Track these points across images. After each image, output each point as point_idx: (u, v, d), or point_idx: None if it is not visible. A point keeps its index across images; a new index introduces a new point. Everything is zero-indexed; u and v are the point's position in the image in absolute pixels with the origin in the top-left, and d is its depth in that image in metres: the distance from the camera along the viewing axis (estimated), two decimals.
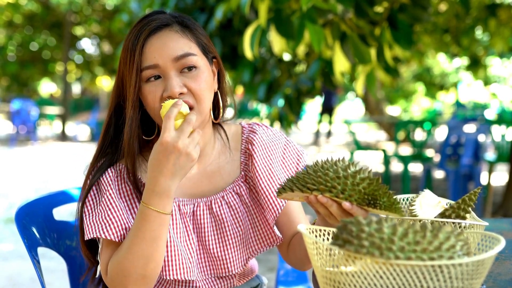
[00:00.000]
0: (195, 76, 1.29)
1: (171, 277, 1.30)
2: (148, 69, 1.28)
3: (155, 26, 1.30)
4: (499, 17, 5.18)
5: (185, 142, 1.18)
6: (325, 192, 1.10)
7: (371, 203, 1.08)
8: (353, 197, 1.08)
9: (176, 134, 1.18)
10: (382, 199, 1.07)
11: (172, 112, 1.19)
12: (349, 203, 1.09)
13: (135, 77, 1.28)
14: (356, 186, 1.08)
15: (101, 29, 16.63)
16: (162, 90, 1.28)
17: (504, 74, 16.57)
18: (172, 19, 1.34)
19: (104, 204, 1.31)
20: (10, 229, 5.05)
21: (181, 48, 1.29)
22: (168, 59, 1.28)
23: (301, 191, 1.12)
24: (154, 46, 1.29)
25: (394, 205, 1.07)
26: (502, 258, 1.28)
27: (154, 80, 1.29)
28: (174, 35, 1.31)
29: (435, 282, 0.80)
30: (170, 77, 1.27)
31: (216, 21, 3.54)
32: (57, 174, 8.48)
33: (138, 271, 1.23)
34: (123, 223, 1.29)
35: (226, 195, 1.40)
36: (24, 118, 12.80)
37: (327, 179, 1.09)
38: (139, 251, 1.23)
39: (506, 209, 5.48)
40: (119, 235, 1.28)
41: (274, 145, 1.45)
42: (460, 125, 6.51)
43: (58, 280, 3.63)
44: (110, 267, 1.26)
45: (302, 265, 1.46)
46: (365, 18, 2.74)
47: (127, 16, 5.35)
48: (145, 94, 1.29)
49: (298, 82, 3.89)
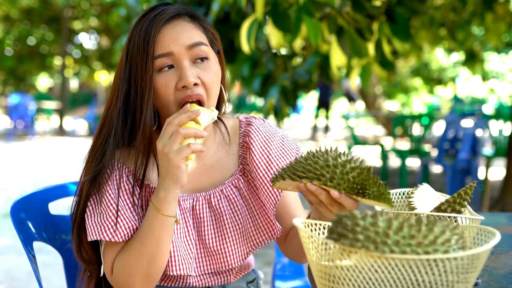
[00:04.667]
0: (207, 68, 1.31)
1: (171, 273, 1.31)
2: (162, 57, 1.28)
3: (168, 15, 1.31)
4: (496, 12, 5.17)
5: (163, 142, 1.20)
6: (314, 180, 1.09)
7: (359, 193, 1.08)
8: (341, 185, 1.08)
9: (161, 137, 1.22)
10: (372, 189, 1.07)
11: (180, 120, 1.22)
12: (337, 192, 1.08)
13: (151, 65, 1.28)
14: (346, 175, 1.07)
15: (99, 23, 16.60)
16: (176, 80, 1.28)
17: (502, 69, 16.57)
18: (182, 10, 1.34)
19: (105, 205, 1.31)
20: (7, 224, 5.04)
21: (195, 37, 1.31)
22: (182, 47, 1.29)
23: (291, 179, 1.12)
24: (169, 35, 1.29)
25: (383, 195, 1.07)
26: (497, 252, 1.28)
27: (168, 69, 1.29)
28: (187, 25, 1.32)
29: (430, 276, 0.80)
30: (185, 67, 1.28)
31: (213, 14, 3.53)
32: (55, 168, 8.47)
33: (142, 272, 1.26)
34: (125, 222, 1.29)
35: (224, 188, 1.40)
36: (22, 112, 12.78)
37: (316, 167, 1.09)
38: (144, 253, 1.26)
39: (503, 203, 5.49)
40: (122, 235, 1.28)
41: (272, 135, 1.45)
42: (457, 120, 6.50)
43: (55, 274, 3.63)
44: (115, 268, 1.29)
45: (299, 258, 1.47)
46: (362, 12, 2.73)
47: (125, 10, 5.34)
48: (158, 84, 1.29)
49: (294, 74, 3.89)
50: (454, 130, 5.89)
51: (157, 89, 1.29)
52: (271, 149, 1.41)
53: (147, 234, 1.25)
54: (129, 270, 1.27)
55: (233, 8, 3.57)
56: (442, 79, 17.62)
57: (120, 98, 1.32)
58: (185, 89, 1.28)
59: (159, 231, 1.24)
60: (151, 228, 1.25)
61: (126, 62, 1.32)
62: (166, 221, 1.24)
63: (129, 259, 1.27)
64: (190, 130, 1.19)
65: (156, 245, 1.25)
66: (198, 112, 1.21)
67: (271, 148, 1.42)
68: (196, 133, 1.20)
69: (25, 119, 12.85)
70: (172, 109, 1.30)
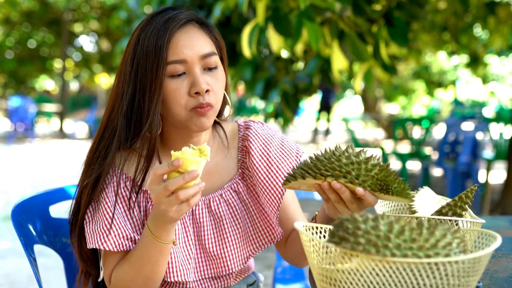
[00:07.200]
0: (216, 76, 1.32)
1: (169, 280, 1.31)
2: (175, 63, 1.27)
3: (182, 21, 1.30)
4: (498, 15, 5.17)
5: (160, 200, 1.13)
6: (340, 178, 1.09)
7: (383, 189, 1.09)
8: (366, 182, 1.09)
9: (156, 193, 1.14)
10: (394, 185, 1.08)
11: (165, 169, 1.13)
12: (362, 189, 1.09)
13: (162, 70, 1.26)
14: (369, 172, 1.08)
15: (99, 26, 16.62)
16: (187, 85, 1.28)
17: (503, 72, 16.57)
18: (193, 16, 1.34)
19: (101, 213, 1.30)
20: (7, 227, 5.04)
21: (207, 47, 1.31)
22: (195, 56, 1.28)
23: (313, 177, 1.12)
24: (183, 41, 1.28)
25: (405, 190, 1.08)
26: (498, 255, 1.28)
27: (178, 76, 1.28)
28: (198, 32, 1.32)
29: (432, 280, 0.80)
30: (197, 74, 1.28)
31: (214, 18, 3.54)
32: (55, 171, 8.47)
33: (140, 287, 1.28)
34: (120, 232, 1.29)
35: (224, 193, 1.40)
36: (22, 115, 12.79)
37: (341, 165, 1.09)
38: (141, 273, 1.26)
39: (504, 206, 5.48)
40: (117, 244, 1.28)
41: (271, 138, 1.44)
42: (458, 123, 6.51)
43: (55, 277, 3.62)
44: (113, 279, 1.30)
45: (299, 261, 1.47)
46: (363, 16, 2.73)
47: (125, 13, 5.35)
48: (169, 90, 1.28)
49: (296, 78, 3.89)
50: (454, 133, 5.90)
51: (166, 95, 1.28)
52: (270, 152, 1.41)
53: (144, 256, 1.24)
54: (126, 284, 1.28)
55: (234, 12, 3.58)
56: (442, 82, 17.63)
57: (124, 102, 1.31)
58: (197, 96, 1.28)
59: (156, 256, 1.24)
60: (149, 253, 1.24)
61: (132, 64, 1.30)
62: (164, 247, 1.23)
63: (126, 275, 1.28)
64: (189, 192, 1.12)
65: (153, 267, 1.25)
66: (195, 173, 1.11)
67: (271, 152, 1.41)
68: (195, 192, 1.13)
69: (25, 121, 12.86)
70: (182, 114, 1.29)
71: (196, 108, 1.28)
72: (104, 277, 1.33)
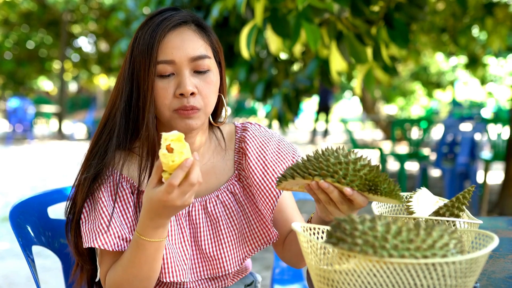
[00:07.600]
0: (206, 79, 1.31)
1: (164, 280, 1.31)
2: (163, 63, 1.27)
3: (175, 22, 1.30)
4: (496, 16, 5.18)
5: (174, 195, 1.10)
6: (327, 178, 1.10)
7: (372, 189, 1.09)
8: (354, 182, 1.09)
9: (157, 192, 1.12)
10: (383, 186, 1.08)
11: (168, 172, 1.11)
12: (350, 189, 1.09)
13: (153, 69, 1.27)
14: (357, 172, 1.08)
15: (98, 27, 16.61)
16: (175, 87, 1.28)
17: (500, 73, 16.60)
18: (190, 18, 1.34)
19: (98, 213, 1.30)
20: (6, 228, 5.04)
21: (198, 49, 1.30)
22: (184, 57, 1.28)
23: (302, 177, 1.12)
24: (173, 42, 1.29)
25: (394, 191, 1.08)
26: (496, 256, 1.28)
27: (167, 77, 1.29)
28: (192, 34, 1.31)
29: (429, 280, 0.80)
30: (185, 75, 1.28)
31: (212, 19, 3.54)
32: (54, 172, 8.47)
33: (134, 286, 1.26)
34: (117, 231, 1.29)
35: (220, 194, 1.40)
36: (20, 116, 12.78)
37: (328, 164, 1.09)
38: (135, 273, 1.24)
39: (501, 207, 5.49)
40: (113, 244, 1.28)
41: (268, 140, 1.45)
42: (456, 123, 6.52)
43: (53, 278, 3.63)
44: (108, 280, 1.29)
45: (297, 262, 1.47)
46: (361, 17, 2.73)
47: (124, 15, 5.35)
48: (158, 89, 1.28)
49: (296, 81, 3.89)
50: (452, 134, 5.90)
51: (156, 93, 1.29)
52: (267, 154, 1.42)
53: (140, 259, 1.22)
54: (122, 286, 1.27)
55: (232, 13, 3.58)
56: (440, 83, 17.65)
57: (123, 99, 1.32)
58: (182, 97, 1.28)
59: (154, 253, 1.22)
60: (144, 254, 1.21)
61: (130, 62, 1.32)
62: (161, 243, 1.22)
63: (121, 278, 1.26)
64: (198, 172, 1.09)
65: (150, 266, 1.24)
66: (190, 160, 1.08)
67: (267, 153, 1.42)
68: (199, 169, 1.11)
69: (24, 123, 12.84)
70: (166, 114, 1.29)
71: (179, 110, 1.28)
72: (100, 277, 1.33)
